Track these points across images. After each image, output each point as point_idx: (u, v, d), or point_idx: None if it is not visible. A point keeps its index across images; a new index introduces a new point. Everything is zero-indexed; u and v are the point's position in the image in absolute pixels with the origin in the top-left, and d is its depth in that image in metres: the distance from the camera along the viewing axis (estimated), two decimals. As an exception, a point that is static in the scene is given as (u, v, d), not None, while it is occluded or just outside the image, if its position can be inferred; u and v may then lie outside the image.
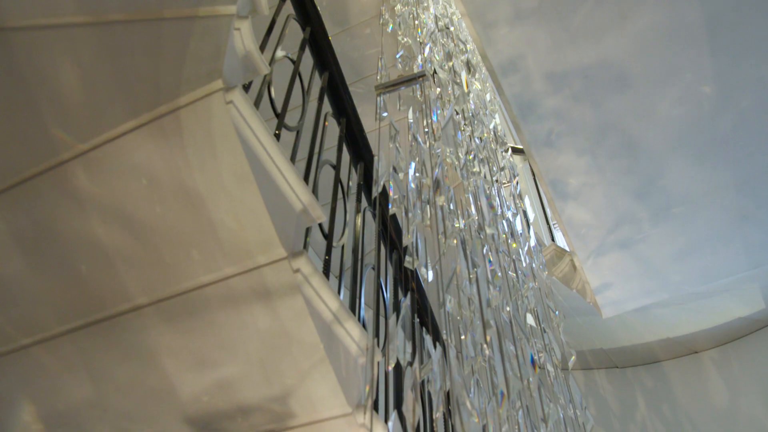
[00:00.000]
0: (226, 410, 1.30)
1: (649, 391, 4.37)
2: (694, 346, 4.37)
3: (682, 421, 4.14)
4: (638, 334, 4.30)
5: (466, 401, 1.00)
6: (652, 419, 4.23)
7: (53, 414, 1.50)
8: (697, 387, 4.26)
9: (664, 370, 4.41)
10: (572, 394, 2.02)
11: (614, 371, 4.55)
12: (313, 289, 1.21)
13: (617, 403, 4.39)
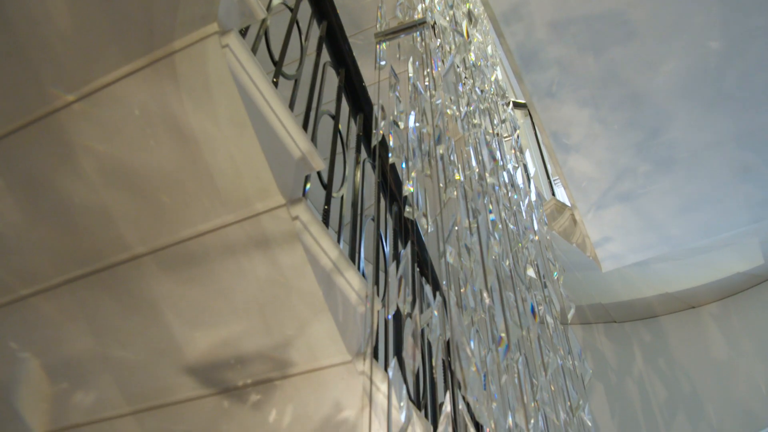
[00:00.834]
0: (226, 359, 1.31)
1: (646, 345, 4.42)
2: (692, 301, 4.40)
3: (679, 375, 4.19)
4: (637, 289, 4.32)
5: (466, 348, 1.00)
6: (648, 373, 4.28)
7: (56, 364, 1.50)
8: (694, 342, 4.30)
9: (662, 324, 4.45)
10: (571, 346, 2.04)
11: (612, 326, 4.59)
12: (312, 237, 1.20)
13: (614, 358, 4.44)
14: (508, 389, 1.24)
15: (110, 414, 1.50)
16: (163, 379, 1.40)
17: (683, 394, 4.10)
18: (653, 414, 4.09)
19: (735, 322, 4.23)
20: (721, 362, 4.11)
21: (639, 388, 4.24)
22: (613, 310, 4.51)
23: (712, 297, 4.35)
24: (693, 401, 4.03)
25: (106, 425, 1.51)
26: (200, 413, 1.38)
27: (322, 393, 1.25)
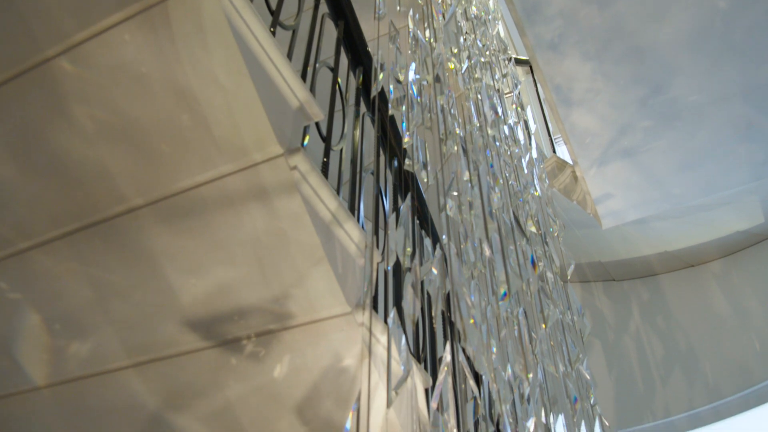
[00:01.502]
0: (225, 311, 1.30)
1: (644, 303, 4.44)
2: (691, 260, 4.41)
3: (676, 332, 4.22)
4: (636, 248, 4.33)
5: (466, 298, 0.99)
6: (646, 330, 4.32)
7: (56, 316, 1.50)
8: (692, 300, 4.33)
9: (660, 283, 4.47)
10: (570, 301, 2.04)
11: (611, 284, 4.61)
12: (311, 187, 1.18)
13: (613, 315, 4.47)
14: (508, 343, 1.25)
15: (112, 366, 1.51)
16: (163, 332, 1.40)
17: (680, 351, 4.14)
18: (650, 371, 4.14)
19: (733, 280, 4.24)
20: (718, 320, 4.14)
21: (636, 345, 4.28)
22: (612, 269, 4.52)
23: (711, 256, 4.36)
24: (689, 358, 4.08)
25: (108, 378, 1.52)
26: (200, 365, 1.39)
27: (321, 344, 1.26)
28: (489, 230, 1.22)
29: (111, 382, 1.52)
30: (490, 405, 1.36)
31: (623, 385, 4.15)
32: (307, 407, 1.31)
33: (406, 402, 1.27)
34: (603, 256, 4.42)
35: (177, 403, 1.46)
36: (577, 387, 1.59)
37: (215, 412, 1.42)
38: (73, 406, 1.59)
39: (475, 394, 1.14)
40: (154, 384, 1.47)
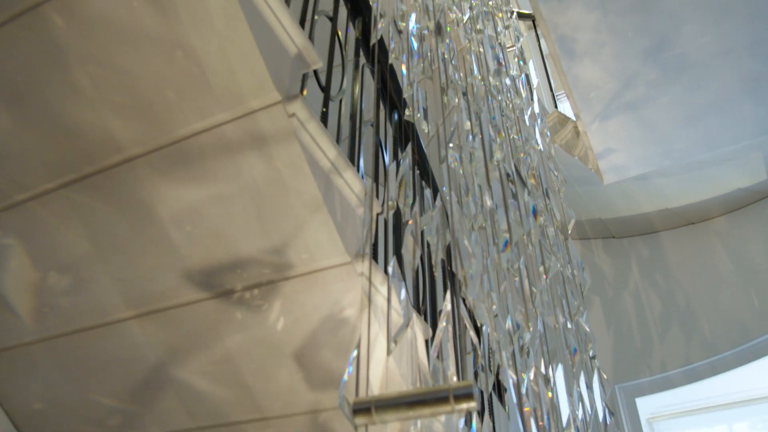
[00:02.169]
0: (224, 261, 1.30)
1: (644, 260, 4.45)
2: (692, 217, 4.39)
3: (675, 289, 4.24)
4: (637, 204, 4.31)
5: (466, 246, 0.98)
6: (645, 287, 4.33)
7: (55, 269, 1.50)
8: (691, 257, 4.33)
9: (661, 240, 4.46)
10: (571, 255, 2.04)
11: (611, 241, 4.60)
12: (310, 135, 1.16)
13: (612, 272, 4.48)
14: (508, 296, 1.24)
15: (111, 319, 1.51)
16: (162, 283, 1.40)
17: (678, 307, 4.16)
18: (648, 327, 4.17)
19: (734, 237, 4.24)
20: (718, 277, 4.15)
21: (635, 302, 4.30)
22: (612, 226, 4.52)
23: (712, 213, 4.35)
24: (687, 315, 4.10)
25: (107, 330, 1.53)
26: (200, 316, 1.39)
27: (321, 295, 1.25)
28: (490, 178, 1.20)
29: (111, 334, 1.52)
30: (490, 356, 1.37)
31: (621, 340, 4.19)
32: (306, 357, 1.32)
33: (406, 352, 1.28)
34: (603, 213, 4.41)
35: (177, 355, 1.47)
36: (576, 339, 1.60)
37: (215, 363, 1.42)
38: (74, 358, 1.60)
39: (474, 344, 1.15)
40: (154, 336, 1.48)
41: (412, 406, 0.72)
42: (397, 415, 0.73)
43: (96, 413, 1.66)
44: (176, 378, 1.49)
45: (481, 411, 1.46)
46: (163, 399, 1.55)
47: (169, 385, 1.52)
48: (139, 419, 1.62)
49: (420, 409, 0.72)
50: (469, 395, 0.70)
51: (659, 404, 4.06)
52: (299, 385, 1.34)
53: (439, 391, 0.71)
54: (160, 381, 1.53)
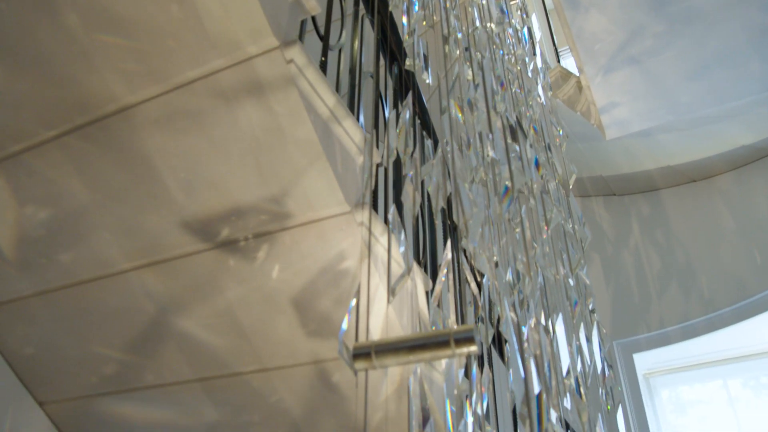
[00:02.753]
0: (223, 211, 1.28)
1: (644, 218, 4.44)
2: (694, 175, 4.37)
3: (675, 247, 4.24)
4: (639, 161, 4.28)
5: (467, 192, 0.97)
6: (645, 245, 4.33)
7: (52, 221, 1.49)
8: (692, 214, 4.32)
9: (662, 197, 4.45)
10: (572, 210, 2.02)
11: (611, 199, 4.59)
12: (308, 82, 1.14)
13: (612, 230, 4.48)
14: (509, 248, 1.23)
15: (111, 270, 1.50)
16: (160, 235, 1.39)
17: (677, 265, 4.17)
18: (646, 284, 4.19)
19: (736, 195, 4.22)
20: (718, 234, 4.15)
21: (635, 259, 4.31)
22: (613, 183, 4.49)
23: (714, 170, 4.32)
24: (686, 272, 4.11)
25: (107, 282, 1.52)
26: (199, 267, 1.38)
27: (320, 245, 1.24)
28: (493, 128, 1.18)
29: (110, 286, 1.52)
30: (490, 308, 1.37)
31: (620, 297, 4.21)
32: (306, 308, 1.32)
33: (406, 303, 1.27)
34: (604, 170, 4.38)
35: (177, 306, 1.47)
36: (577, 292, 1.59)
37: (216, 314, 1.42)
38: (74, 310, 1.60)
39: (475, 295, 1.14)
40: (154, 287, 1.47)
41: (412, 350, 0.71)
42: (398, 359, 0.72)
43: (97, 365, 1.67)
44: (177, 329, 1.50)
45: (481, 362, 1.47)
46: (164, 351, 1.56)
47: (169, 336, 1.52)
48: (140, 371, 1.63)
49: (420, 353, 0.71)
50: (470, 339, 0.70)
51: (656, 360, 4.11)
52: (299, 336, 1.35)
53: (439, 335, 0.71)
54: (160, 332, 1.53)
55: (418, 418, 0.90)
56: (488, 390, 1.13)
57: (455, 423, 0.89)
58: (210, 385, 1.55)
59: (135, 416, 1.73)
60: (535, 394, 0.86)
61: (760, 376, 4.01)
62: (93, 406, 1.76)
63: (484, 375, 1.11)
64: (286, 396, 1.47)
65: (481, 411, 1.07)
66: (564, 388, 1.25)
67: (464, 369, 1.04)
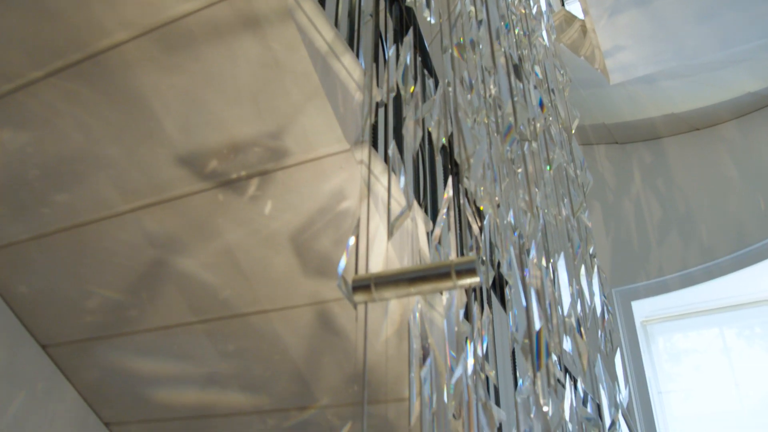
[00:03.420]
0: (220, 150, 1.26)
1: (646, 166, 4.41)
2: (698, 123, 4.31)
3: (676, 196, 4.22)
4: (642, 109, 4.22)
5: (469, 123, 0.94)
6: (646, 193, 4.31)
7: (47, 164, 1.47)
8: (694, 163, 4.28)
9: (664, 146, 4.41)
10: (574, 155, 2.00)
11: (614, 147, 4.54)
12: (306, 16, 1.10)
13: (613, 178, 4.45)
14: (510, 192, 1.21)
15: (109, 212, 1.49)
16: (158, 175, 1.37)
17: (678, 214, 4.16)
18: (646, 233, 4.18)
19: (740, 143, 4.18)
20: (720, 183, 4.12)
21: (635, 208, 4.30)
22: (615, 131, 4.44)
23: (718, 119, 4.26)
24: (687, 221, 4.11)
25: (105, 224, 1.51)
26: (197, 208, 1.37)
27: (319, 183, 1.22)
28: (496, 59, 1.14)
29: (108, 228, 1.51)
30: (491, 250, 1.36)
31: (619, 245, 4.21)
32: (305, 248, 1.30)
33: (407, 243, 1.26)
34: (607, 118, 4.32)
35: (176, 247, 1.46)
36: (578, 235, 1.58)
37: (214, 255, 1.42)
38: (72, 253, 1.59)
39: (476, 236, 1.13)
40: (152, 228, 1.46)
41: (413, 282, 0.70)
42: (398, 291, 0.71)
43: (98, 308, 1.67)
44: (176, 271, 1.49)
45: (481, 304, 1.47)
46: (165, 293, 1.55)
47: (169, 278, 1.52)
48: (141, 313, 1.63)
49: (421, 285, 0.70)
50: (472, 270, 0.68)
51: (654, 308, 4.14)
52: (298, 277, 1.34)
53: (441, 266, 0.69)
54: (160, 275, 1.52)
55: (418, 356, 0.89)
56: (488, 332, 1.13)
57: (455, 363, 0.89)
58: (211, 327, 1.55)
59: (137, 358, 1.74)
60: (537, 329, 0.85)
61: (755, 326, 4.05)
62: (95, 348, 1.77)
63: (485, 317, 1.11)
64: (287, 337, 1.48)
65: (481, 352, 1.07)
66: (564, 327, 1.25)
67: (464, 310, 1.04)
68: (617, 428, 1.44)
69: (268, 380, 1.61)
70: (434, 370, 0.86)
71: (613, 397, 1.44)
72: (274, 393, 1.64)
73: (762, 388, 3.79)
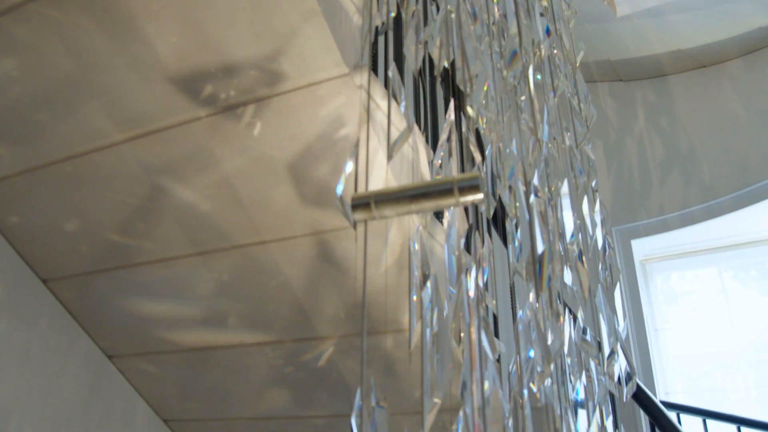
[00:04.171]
0: (214, 74, 1.22)
1: (650, 104, 4.34)
2: (704, 60, 4.23)
3: (679, 134, 4.17)
4: (648, 45, 4.13)
5: (472, 46, 0.91)
6: (649, 131, 4.27)
7: (36, 92, 1.43)
8: (699, 101, 4.22)
9: (669, 83, 4.33)
10: (578, 88, 1.96)
11: (617, 84, 4.47)
12: (302, -72, 1.04)
13: (617, 116, 4.39)
14: (512, 126, 1.18)
15: (103, 143, 1.46)
16: (152, 103, 1.33)
17: (681, 152, 4.12)
18: (648, 171, 4.16)
19: (747, 81, 4.10)
20: (725, 121, 4.06)
21: (638, 146, 4.26)
22: (620, 68, 4.36)
23: (726, 55, 4.17)
24: (689, 160, 4.07)
25: (100, 155, 1.48)
26: (192, 136, 1.34)
27: (317, 109, 1.19)
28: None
29: (103, 159, 1.48)
30: (494, 182, 1.34)
31: (621, 184, 4.19)
32: (304, 177, 1.28)
33: (406, 171, 1.24)
34: (612, 54, 4.23)
35: (173, 178, 1.43)
36: (582, 165, 1.56)
37: (212, 185, 1.39)
38: (69, 186, 1.57)
39: (477, 164, 1.10)
40: (148, 159, 1.43)
41: (414, 199, 0.68)
42: (398, 209, 0.69)
43: (97, 241, 1.66)
44: (174, 202, 1.47)
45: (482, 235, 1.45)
46: (163, 224, 1.54)
47: (167, 209, 1.50)
48: (140, 246, 1.62)
49: (422, 202, 0.68)
50: (476, 187, 0.66)
51: (653, 246, 4.15)
52: (298, 206, 1.32)
53: (443, 182, 0.67)
54: (158, 206, 1.51)
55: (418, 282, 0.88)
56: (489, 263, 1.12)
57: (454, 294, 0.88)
58: (210, 258, 1.55)
59: (137, 291, 1.74)
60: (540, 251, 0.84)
61: (751, 268, 4.07)
62: (95, 282, 1.77)
63: (485, 247, 1.09)
64: (286, 268, 1.47)
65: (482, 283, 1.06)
66: (566, 255, 1.24)
67: (465, 239, 1.02)
68: (615, 358, 1.45)
69: (268, 312, 1.62)
70: (435, 294, 0.85)
71: (612, 327, 1.44)
72: (274, 325, 1.65)
73: (756, 328, 3.84)
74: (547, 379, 1.01)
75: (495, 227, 2.30)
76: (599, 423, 1.40)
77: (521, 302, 1.77)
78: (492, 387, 0.72)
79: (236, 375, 1.85)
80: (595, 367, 1.45)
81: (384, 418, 0.65)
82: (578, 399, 1.40)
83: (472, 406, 0.71)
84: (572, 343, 1.37)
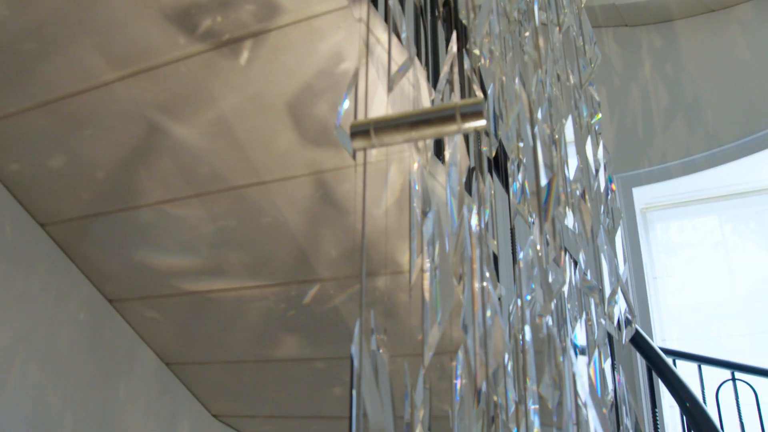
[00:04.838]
0: (210, 6, 1.18)
1: (656, 50, 4.25)
2: (713, 4, 4.12)
3: (684, 80, 4.10)
4: (655, -13, 4.03)
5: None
6: (654, 79, 4.19)
7: (26, 29, 1.38)
8: (706, 47, 4.13)
9: (676, 29, 4.23)
10: (584, 29, 1.91)
11: (623, 30, 4.37)
12: None
13: (621, 63, 4.31)
14: (515, 66, 1.15)
15: (97, 82, 1.43)
16: (146, 39, 1.29)
17: (685, 100, 4.06)
18: (652, 118, 4.10)
19: (754, 26, 4.01)
20: (731, 67, 3.99)
21: (642, 93, 4.19)
22: (625, 13, 4.26)
23: None
24: (693, 107, 4.01)
25: (95, 94, 1.45)
26: (188, 74, 1.30)
27: (316, 44, 1.15)
28: None
29: (98, 98, 1.45)
30: (496, 122, 1.31)
31: (624, 131, 4.15)
32: (302, 115, 1.25)
33: (407, 106, 1.21)
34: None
35: (169, 116, 1.41)
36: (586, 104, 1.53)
37: (209, 123, 1.37)
38: (63, 126, 1.54)
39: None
40: (143, 97, 1.40)
41: (414, 126, 0.66)
42: (399, 136, 0.67)
43: (93, 184, 1.64)
44: (171, 142, 1.45)
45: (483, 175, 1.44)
46: (160, 166, 1.52)
47: (164, 150, 1.47)
48: (137, 188, 1.60)
49: (423, 129, 0.66)
50: (479, 113, 0.64)
51: (654, 195, 4.13)
52: (296, 146, 1.30)
53: (444, 108, 0.65)
54: (154, 147, 1.48)
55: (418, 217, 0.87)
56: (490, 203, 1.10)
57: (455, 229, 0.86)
58: (208, 200, 1.53)
59: (136, 234, 1.73)
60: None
61: (750, 219, 4.06)
62: (93, 225, 1.76)
63: (486, 186, 1.08)
64: (285, 209, 1.46)
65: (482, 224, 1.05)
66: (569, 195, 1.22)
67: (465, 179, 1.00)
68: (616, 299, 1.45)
69: (268, 254, 1.61)
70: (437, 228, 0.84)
71: (614, 268, 1.44)
72: (274, 267, 1.64)
73: (752, 279, 3.86)
74: (548, 317, 1.00)
75: (496, 171, 2.28)
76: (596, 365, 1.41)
77: (522, 243, 1.77)
78: (494, 317, 0.71)
79: (237, 318, 1.86)
80: (595, 309, 1.45)
81: (385, 358, 0.64)
82: (576, 343, 1.40)
83: (474, 337, 0.70)
84: (572, 287, 1.37)
